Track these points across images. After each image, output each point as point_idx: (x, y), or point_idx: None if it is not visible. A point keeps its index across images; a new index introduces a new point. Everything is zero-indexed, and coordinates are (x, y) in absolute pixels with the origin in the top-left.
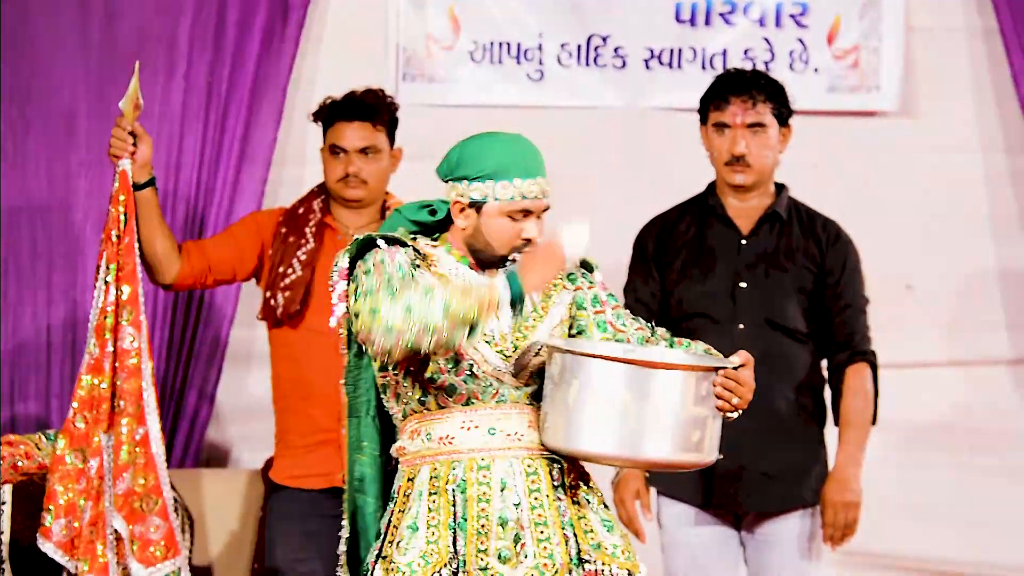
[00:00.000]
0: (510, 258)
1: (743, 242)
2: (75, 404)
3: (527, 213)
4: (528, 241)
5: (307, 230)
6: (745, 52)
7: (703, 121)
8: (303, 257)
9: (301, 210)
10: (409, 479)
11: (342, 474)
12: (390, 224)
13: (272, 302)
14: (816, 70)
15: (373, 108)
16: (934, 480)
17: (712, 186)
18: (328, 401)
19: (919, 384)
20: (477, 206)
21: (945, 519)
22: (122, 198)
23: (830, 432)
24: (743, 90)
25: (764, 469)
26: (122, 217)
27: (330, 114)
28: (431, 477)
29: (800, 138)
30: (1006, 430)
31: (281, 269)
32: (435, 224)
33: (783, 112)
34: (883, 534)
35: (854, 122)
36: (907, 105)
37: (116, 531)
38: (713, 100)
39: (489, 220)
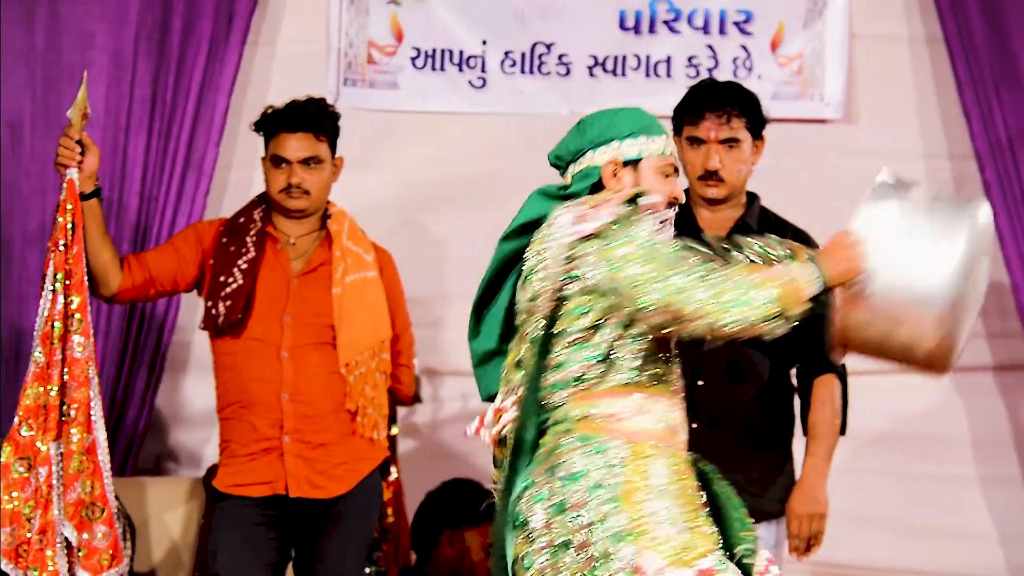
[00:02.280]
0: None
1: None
2: (20, 413)
3: (675, 170)
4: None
5: (248, 239)
6: (689, 60)
7: (677, 132)
8: (244, 266)
9: (242, 219)
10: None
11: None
12: (537, 207)
13: (214, 311)
14: (760, 77)
15: (316, 118)
16: (879, 488)
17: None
18: (270, 410)
19: (862, 391)
20: (634, 163)
21: (892, 527)
22: (69, 207)
23: (797, 443)
24: (718, 105)
25: (730, 479)
26: (69, 226)
27: (272, 124)
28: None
29: None
30: (949, 437)
31: (222, 279)
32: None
33: (757, 125)
34: (843, 545)
35: (798, 129)
36: (851, 112)
37: (67, 539)
38: (687, 114)
39: (647, 176)
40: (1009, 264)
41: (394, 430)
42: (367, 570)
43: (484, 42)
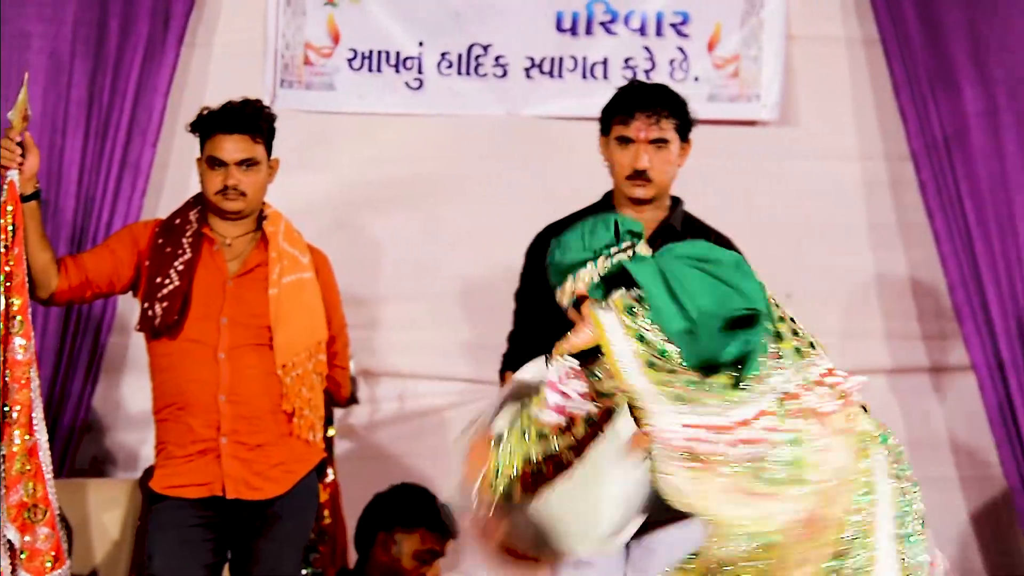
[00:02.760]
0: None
1: None
2: None
3: None
4: None
5: (184, 241)
6: (626, 61)
7: (604, 132)
8: (180, 268)
9: (177, 221)
10: None
11: None
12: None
13: (150, 313)
14: (696, 79)
15: (252, 120)
16: None
17: (608, 196)
18: (207, 411)
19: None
20: None
21: None
22: (10, 209)
23: None
24: (648, 106)
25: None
26: (10, 228)
27: (208, 125)
28: None
29: None
30: None
31: (158, 280)
32: None
33: (685, 127)
34: None
35: (735, 131)
36: (787, 114)
37: (9, 541)
38: (617, 114)
39: None
40: (945, 264)
41: (331, 431)
42: (304, 571)
43: (421, 43)
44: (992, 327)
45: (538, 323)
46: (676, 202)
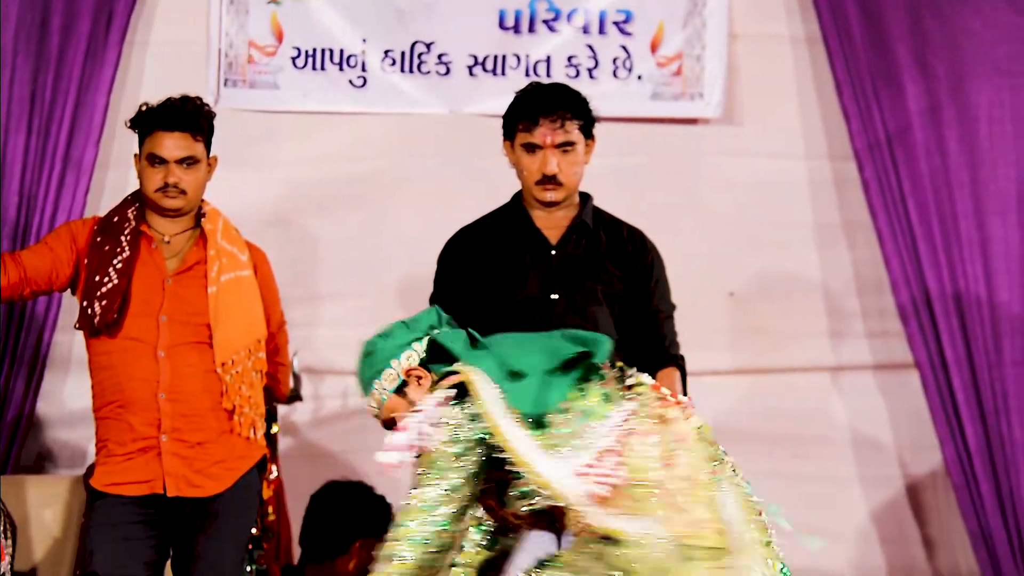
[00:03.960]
0: None
1: (552, 252)
2: None
3: None
4: None
5: (122, 238)
6: (569, 59)
7: (508, 138)
8: (119, 265)
9: (116, 218)
10: None
11: None
12: None
13: (89, 311)
14: (640, 77)
15: (193, 118)
16: (758, 488)
17: (518, 197)
18: (147, 409)
19: (739, 390)
20: None
21: (771, 526)
22: None
23: None
24: (551, 110)
25: None
26: None
27: (148, 122)
28: None
29: (624, 145)
30: (827, 436)
31: (97, 278)
32: None
33: (588, 125)
34: None
35: (678, 129)
36: (730, 112)
37: None
38: (521, 120)
39: None
40: (888, 263)
41: (274, 428)
42: (248, 568)
43: (364, 41)
44: (935, 325)
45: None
46: (586, 198)
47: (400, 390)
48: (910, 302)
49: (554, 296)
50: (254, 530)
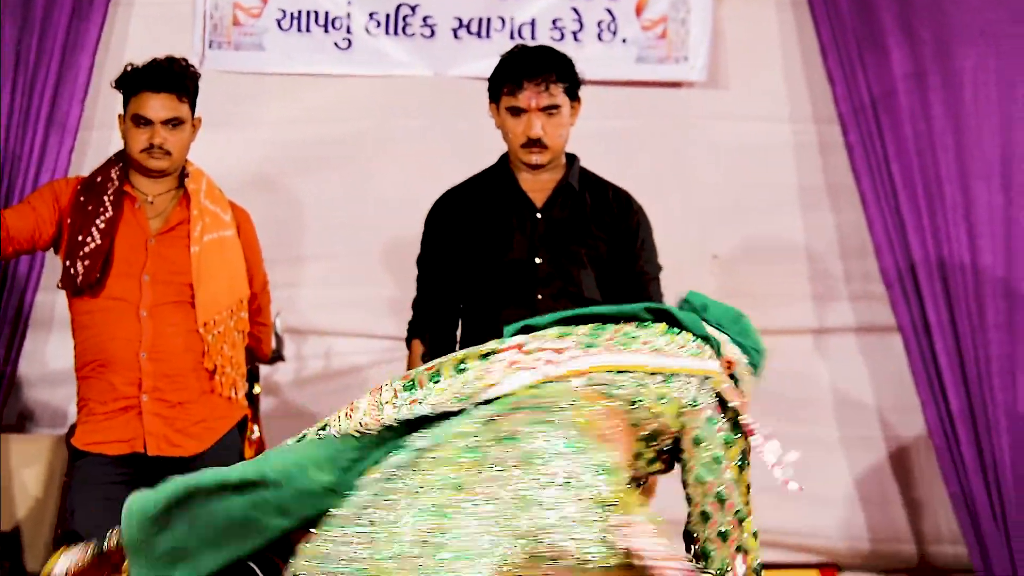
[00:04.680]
0: None
1: (538, 215)
2: None
3: None
4: None
5: (105, 198)
6: (554, 22)
7: (494, 100)
8: (102, 225)
9: (99, 178)
10: None
11: None
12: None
13: (72, 271)
14: (624, 41)
15: (179, 79)
16: None
17: (504, 159)
18: (128, 368)
19: None
20: None
21: (753, 488)
22: None
23: None
24: (536, 73)
25: None
26: None
27: (133, 83)
28: None
29: (609, 108)
30: (810, 399)
31: (80, 238)
32: None
33: (573, 88)
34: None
35: (663, 93)
36: (715, 76)
37: None
38: (505, 84)
39: None
40: (872, 226)
41: (256, 389)
42: None
43: (349, 3)
44: (918, 288)
45: (441, 288)
46: (572, 160)
47: None
48: (893, 266)
49: (538, 260)
50: None
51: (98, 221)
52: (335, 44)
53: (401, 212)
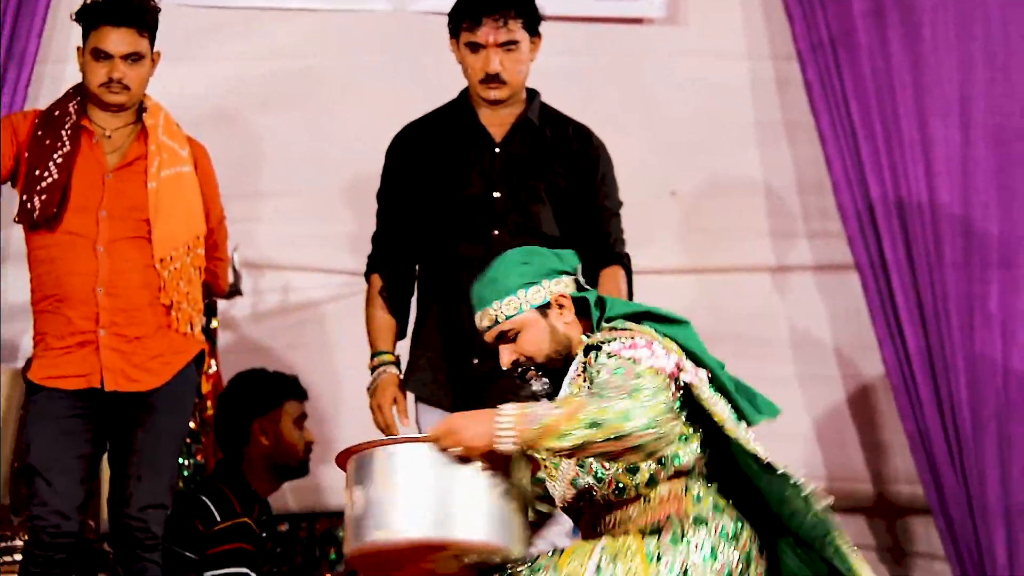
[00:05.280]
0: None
1: (496, 150)
2: None
3: None
4: None
5: (63, 132)
6: None
7: (454, 36)
8: (59, 160)
9: (57, 112)
10: None
11: None
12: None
13: (28, 205)
14: None
15: (140, 13)
16: None
17: (465, 94)
18: (85, 303)
19: (681, 289)
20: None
21: None
22: None
23: None
24: (494, 9)
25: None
26: None
27: (93, 16)
28: None
29: (568, 45)
30: (767, 336)
31: (37, 172)
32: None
33: (533, 23)
34: None
35: (622, 29)
36: (674, 12)
37: None
38: (464, 20)
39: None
40: (830, 164)
41: (213, 323)
42: (184, 462)
43: None
44: (876, 226)
45: (400, 223)
46: (532, 95)
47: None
48: (851, 203)
49: (496, 194)
50: (192, 424)
51: (55, 156)
52: None
53: (360, 147)
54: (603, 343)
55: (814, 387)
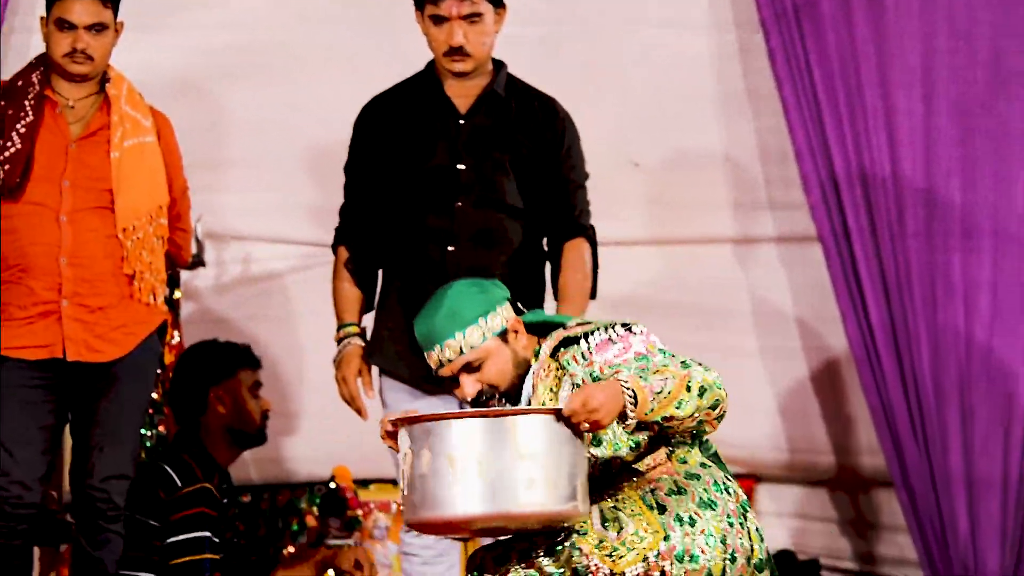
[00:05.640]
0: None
1: (461, 121)
2: None
3: None
4: None
5: (26, 103)
6: None
7: (419, 8)
8: (23, 130)
9: (20, 83)
10: None
11: None
12: None
13: None
14: None
15: None
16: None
17: (431, 66)
18: (48, 273)
19: (644, 261)
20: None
21: None
22: None
23: (549, 306)
24: None
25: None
26: None
27: None
28: None
29: (527, 13)
30: (730, 308)
31: (0, 142)
32: None
33: None
34: None
35: None
36: None
37: None
38: None
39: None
40: (793, 133)
41: (176, 294)
42: (147, 432)
43: None
44: (839, 196)
45: (367, 195)
46: (499, 66)
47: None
48: (814, 173)
49: (461, 166)
50: (155, 395)
51: (19, 126)
52: None
53: (324, 118)
54: (577, 337)
55: (777, 359)
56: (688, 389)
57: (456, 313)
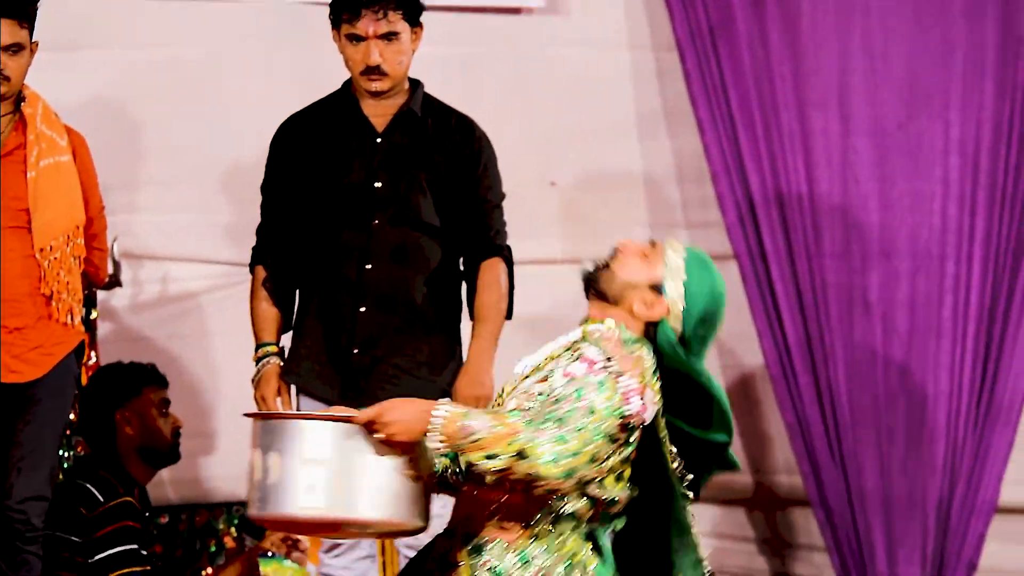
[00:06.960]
0: None
1: (378, 140)
2: None
3: None
4: None
5: None
6: None
7: (335, 27)
8: None
9: None
10: None
11: None
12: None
13: None
14: None
15: (21, 5)
16: None
17: (348, 85)
18: (10, 294)
19: (562, 280)
20: None
21: None
22: None
23: (465, 327)
24: (373, 1)
25: (398, 362)
26: None
27: None
28: None
29: (449, 35)
30: None
31: None
32: None
33: (413, 14)
34: None
35: (503, 19)
36: (554, 2)
37: None
38: (344, 11)
39: None
40: (709, 154)
41: (93, 314)
42: (65, 454)
43: None
44: (755, 216)
45: (284, 214)
46: (416, 86)
47: None
48: (730, 193)
49: (377, 184)
50: (72, 416)
51: None
52: None
53: (241, 138)
54: (587, 343)
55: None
56: (506, 445)
57: None
